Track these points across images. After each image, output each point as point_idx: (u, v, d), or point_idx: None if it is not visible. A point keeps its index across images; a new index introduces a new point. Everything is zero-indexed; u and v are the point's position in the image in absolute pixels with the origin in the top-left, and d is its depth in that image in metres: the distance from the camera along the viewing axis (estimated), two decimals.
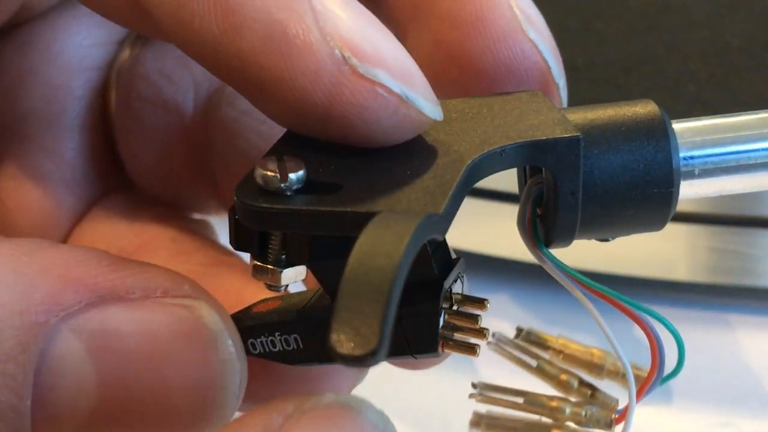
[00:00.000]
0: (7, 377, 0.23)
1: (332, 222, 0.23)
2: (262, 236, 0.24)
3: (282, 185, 0.23)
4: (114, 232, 0.34)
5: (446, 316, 0.26)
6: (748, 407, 0.41)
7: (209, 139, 0.34)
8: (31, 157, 0.34)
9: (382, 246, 0.20)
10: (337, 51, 0.23)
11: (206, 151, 0.34)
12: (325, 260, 0.24)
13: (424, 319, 0.25)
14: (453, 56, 0.28)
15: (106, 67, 0.35)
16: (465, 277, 0.27)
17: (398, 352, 0.25)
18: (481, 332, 0.26)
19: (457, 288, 0.26)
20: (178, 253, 0.33)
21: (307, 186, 0.23)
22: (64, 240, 0.34)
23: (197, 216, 0.36)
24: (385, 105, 0.24)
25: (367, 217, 0.21)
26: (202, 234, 0.35)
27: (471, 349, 0.26)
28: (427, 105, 0.24)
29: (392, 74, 0.24)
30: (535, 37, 0.28)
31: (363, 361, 0.19)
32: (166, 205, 0.35)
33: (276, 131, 0.32)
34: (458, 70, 0.28)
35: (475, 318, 0.26)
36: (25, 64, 0.34)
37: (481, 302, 0.26)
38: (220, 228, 0.36)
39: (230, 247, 0.33)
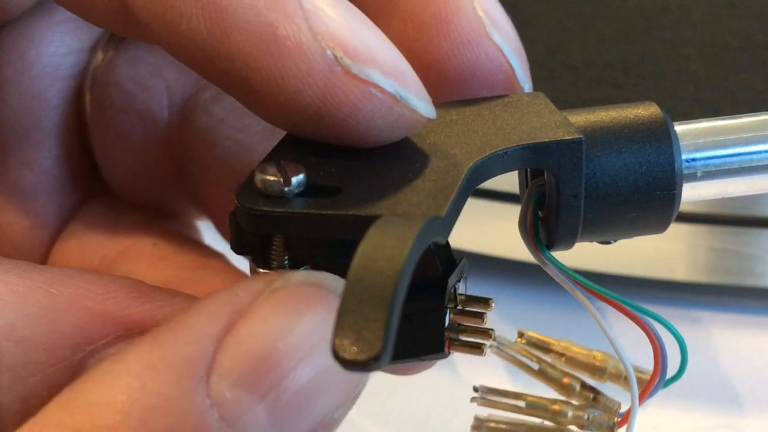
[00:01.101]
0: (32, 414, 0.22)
1: (334, 225, 0.23)
2: (263, 240, 0.24)
3: (283, 189, 0.23)
4: (95, 240, 0.33)
5: (451, 316, 0.25)
6: (747, 408, 0.40)
7: (186, 146, 0.33)
8: (11, 169, 0.33)
9: (384, 250, 0.20)
10: (328, 51, 0.23)
11: (184, 158, 0.34)
12: (326, 265, 0.24)
13: (429, 319, 0.25)
14: (416, 59, 0.27)
15: (81, 73, 0.34)
16: (467, 278, 0.27)
17: (404, 355, 0.25)
18: (487, 332, 0.26)
19: (460, 288, 0.26)
20: (160, 258, 0.32)
21: (308, 189, 0.23)
22: (48, 251, 0.33)
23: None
24: (379, 105, 0.24)
25: (369, 220, 0.21)
26: (185, 235, 0.34)
27: (477, 349, 0.26)
28: (421, 104, 0.24)
29: (385, 73, 0.24)
30: (499, 40, 0.27)
31: (366, 366, 0.19)
32: (147, 207, 0.35)
33: (254, 139, 0.32)
34: (422, 73, 0.27)
35: (480, 316, 0.26)
36: (0, 74, 0.33)
37: (486, 301, 0.26)
38: (204, 227, 0.36)
39: (213, 247, 0.33)
